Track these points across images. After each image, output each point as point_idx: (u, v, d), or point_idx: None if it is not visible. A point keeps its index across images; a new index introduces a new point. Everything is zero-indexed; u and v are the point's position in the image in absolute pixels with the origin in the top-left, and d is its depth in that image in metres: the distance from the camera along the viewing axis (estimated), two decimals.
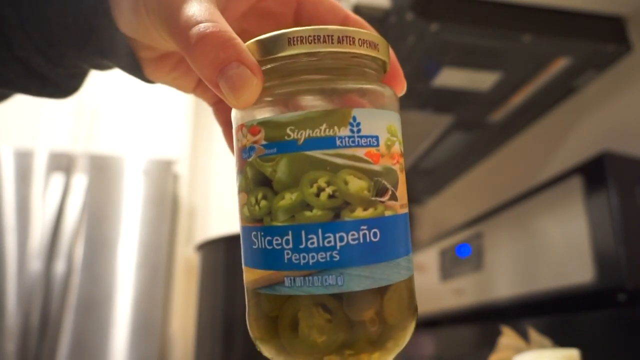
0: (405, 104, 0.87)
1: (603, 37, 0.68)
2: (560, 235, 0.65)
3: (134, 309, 1.59)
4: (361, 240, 0.19)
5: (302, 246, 0.19)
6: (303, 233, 0.19)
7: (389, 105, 0.21)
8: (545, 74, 0.76)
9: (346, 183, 0.19)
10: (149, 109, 1.92)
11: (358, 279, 0.18)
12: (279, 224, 0.19)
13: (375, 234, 0.19)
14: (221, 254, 0.60)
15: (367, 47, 0.20)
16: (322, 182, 0.19)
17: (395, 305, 0.20)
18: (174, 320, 1.79)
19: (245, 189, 0.20)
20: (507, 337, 0.58)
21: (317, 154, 0.19)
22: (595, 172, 0.61)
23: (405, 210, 0.21)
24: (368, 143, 0.19)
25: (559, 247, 0.66)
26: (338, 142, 0.19)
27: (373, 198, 0.19)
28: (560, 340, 0.57)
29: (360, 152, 0.19)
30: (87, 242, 1.60)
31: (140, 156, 1.75)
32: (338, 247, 0.18)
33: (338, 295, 0.18)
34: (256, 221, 0.20)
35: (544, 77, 0.77)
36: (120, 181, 1.69)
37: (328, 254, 0.18)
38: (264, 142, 0.19)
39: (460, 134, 0.98)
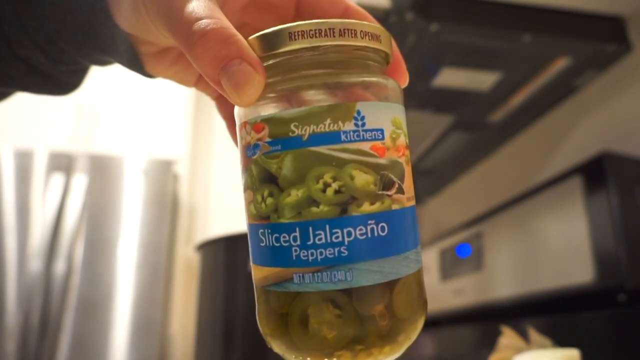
0: (406, 104, 0.87)
1: (603, 37, 0.68)
2: (560, 235, 0.65)
3: (134, 309, 1.59)
4: (369, 235, 0.19)
5: (310, 242, 0.18)
6: (310, 229, 0.18)
7: (392, 97, 0.21)
8: (545, 74, 0.76)
9: (352, 178, 0.19)
10: (149, 109, 1.92)
11: (367, 274, 0.18)
12: (286, 221, 0.19)
13: (383, 228, 0.19)
14: (221, 254, 0.60)
15: (369, 39, 0.20)
16: (328, 178, 0.19)
17: (404, 299, 0.20)
18: (174, 320, 1.79)
19: (251, 187, 0.20)
20: (507, 337, 0.58)
21: (323, 149, 0.19)
22: (595, 172, 0.61)
23: (412, 203, 0.21)
24: (373, 137, 0.19)
25: (559, 247, 0.66)
26: (343, 137, 0.19)
27: (380, 192, 0.19)
28: (560, 340, 0.57)
29: (366, 146, 0.19)
30: (87, 242, 1.60)
31: (140, 156, 1.75)
32: (346, 243, 0.18)
33: (347, 290, 0.18)
34: (263, 219, 0.20)
35: (544, 77, 0.77)
36: (120, 181, 1.69)
37: (336, 249, 0.18)
38: (268, 139, 0.19)
39: (460, 134, 0.98)
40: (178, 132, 1.94)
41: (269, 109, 0.20)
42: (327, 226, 0.18)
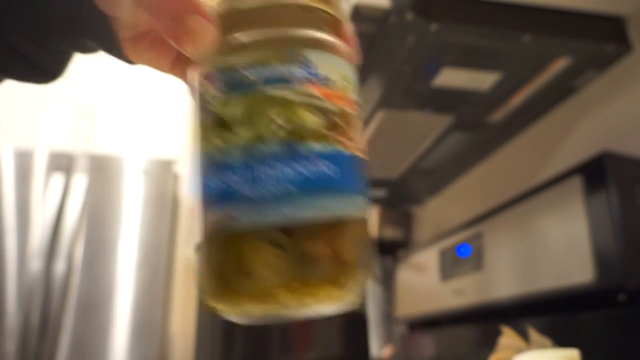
0: (406, 104, 0.87)
1: (603, 37, 0.68)
2: (560, 235, 0.65)
3: (134, 309, 1.59)
4: (315, 172, 0.19)
5: (257, 180, 0.19)
6: (258, 167, 0.19)
7: (345, 57, 0.22)
8: (545, 74, 0.76)
9: (301, 118, 0.19)
10: (149, 109, 1.92)
11: (312, 210, 0.19)
12: (234, 161, 0.19)
13: (329, 167, 0.19)
14: None
15: (319, 1, 0.21)
16: (276, 118, 0.19)
17: (349, 242, 0.20)
18: (174, 320, 1.79)
19: (203, 136, 0.21)
20: (507, 337, 0.58)
21: (272, 90, 0.19)
22: (595, 172, 0.61)
23: (362, 155, 0.21)
24: (322, 82, 0.20)
25: (559, 247, 0.66)
26: (292, 80, 0.19)
27: (327, 132, 0.20)
28: (560, 340, 0.57)
29: (315, 90, 0.20)
30: (87, 242, 1.60)
31: (140, 156, 1.75)
32: (292, 179, 0.19)
33: (291, 229, 0.19)
34: (212, 163, 0.20)
35: (544, 77, 0.77)
36: (120, 181, 1.69)
37: (283, 186, 0.19)
38: (219, 85, 0.20)
39: (460, 134, 0.98)
40: (178, 132, 1.94)
41: (223, 59, 0.20)
42: (275, 164, 0.19)
